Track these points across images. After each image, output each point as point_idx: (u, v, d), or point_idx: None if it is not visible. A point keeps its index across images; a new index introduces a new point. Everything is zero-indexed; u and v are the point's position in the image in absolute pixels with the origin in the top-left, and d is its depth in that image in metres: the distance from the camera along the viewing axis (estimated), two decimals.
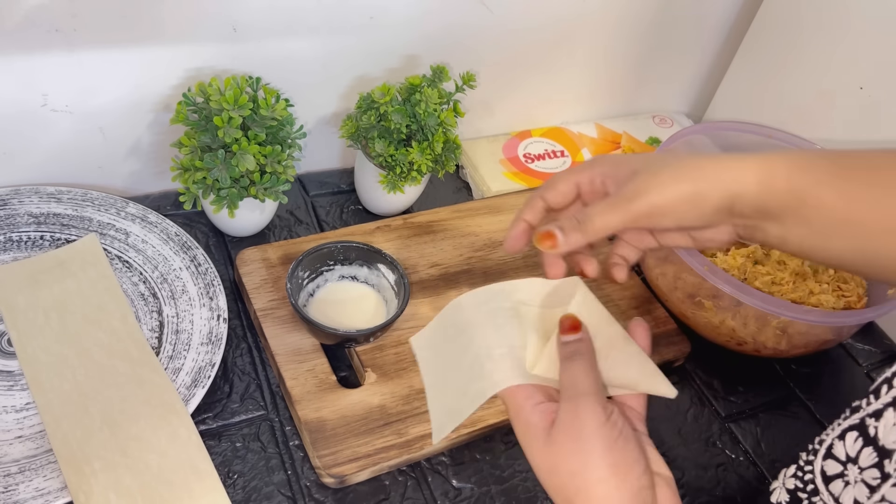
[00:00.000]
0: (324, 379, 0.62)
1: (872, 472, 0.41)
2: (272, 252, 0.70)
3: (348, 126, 0.74)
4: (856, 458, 0.42)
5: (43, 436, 0.55)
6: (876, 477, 0.40)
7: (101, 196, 0.71)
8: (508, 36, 0.83)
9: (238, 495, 0.56)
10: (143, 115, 0.71)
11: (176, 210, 0.75)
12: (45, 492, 0.52)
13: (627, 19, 0.90)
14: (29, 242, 0.67)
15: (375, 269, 0.67)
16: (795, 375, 0.76)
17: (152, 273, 0.67)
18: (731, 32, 0.99)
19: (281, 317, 0.65)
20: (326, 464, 0.57)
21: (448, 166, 0.75)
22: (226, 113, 0.63)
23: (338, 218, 0.80)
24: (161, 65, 0.68)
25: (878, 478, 0.40)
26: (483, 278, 0.73)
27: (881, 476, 0.40)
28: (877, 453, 0.41)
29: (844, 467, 0.43)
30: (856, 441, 0.43)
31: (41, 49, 0.63)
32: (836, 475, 0.44)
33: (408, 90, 0.73)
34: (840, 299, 0.74)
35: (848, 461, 0.43)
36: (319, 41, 0.74)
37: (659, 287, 0.75)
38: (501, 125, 0.94)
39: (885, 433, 0.41)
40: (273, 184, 0.67)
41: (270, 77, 0.72)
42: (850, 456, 0.43)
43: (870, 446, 0.41)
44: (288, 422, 0.61)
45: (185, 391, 0.59)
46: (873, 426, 0.42)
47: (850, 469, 0.43)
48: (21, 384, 0.58)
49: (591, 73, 0.95)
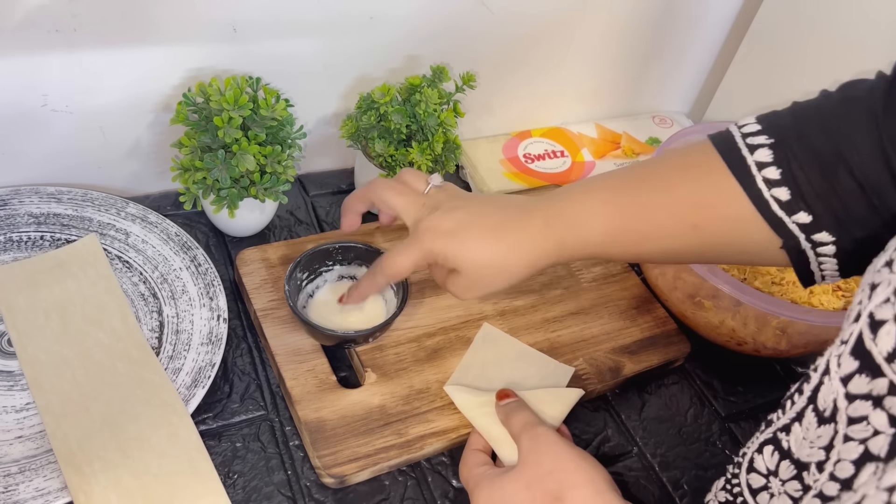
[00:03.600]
0: (324, 379, 0.62)
1: (794, 483, 0.42)
2: (272, 252, 0.70)
3: (348, 126, 0.74)
4: (776, 471, 0.43)
5: (43, 436, 0.55)
6: (798, 489, 0.41)
7: (102, 196, 0.71)
8: (508, 36, 0.83)
9: (238, 495, 0.56)
10: (144, 115, 0.71)
11: (176, 210, 0.75)
12: (45, 492, 0.52)
13: (627, 19, 0.90)
14: (29, 242, 0.67)
15: None
16: (795, 375, 0.76)
17: (152, 273, 0.67)
18: (731, 32, 0.99)
19: (281, 317, 0.65)
20: (326, 464, 0.57)
21: (448, 166, 0.75)
22: (226, 113, 0.63)
23: (338, 218, 0.80)
24: (161, 65, 0.68)
25: (800, 489, 0.41)
26: None
27: (802, 488, 0.41)
28: (794, 466, 0.42)
29: (767, 480, 0.44)
30: (773, 454, 0.44)
31: (41, 49, 0.63)
32: (761, 487, 0.45)
33: (408, 90, 0.73)
34: (840, 299, 0.74)
35: (769, 474, 0.44)
36: (319, 41, 0.74)
37: (659, 287, 0.75)
38: (501, 125, 0.94)
39: (797, 447, 0.42)
40: (273, 184, 0.67)
41: (270, 77, 0.72)
42: (769, 469, 0.44)
43: (786, 459, 0.43)
44: (288, 422, 0.61)
45: (185, 391, 0.59)
46: (785, 440, 0.43)
47: (772, 481, 0.44)
48: (21, 384, 0.58)
49: (591, 73, 0.95)
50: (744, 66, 0.94)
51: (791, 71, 0.87)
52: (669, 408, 0.69)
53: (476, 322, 0.69)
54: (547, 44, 0.87)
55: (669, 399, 0.70)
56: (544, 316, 0.72)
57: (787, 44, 0.87)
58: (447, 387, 0.62)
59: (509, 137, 0.93)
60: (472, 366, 0.65)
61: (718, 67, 1.03)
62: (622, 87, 1.00)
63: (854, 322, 0.38)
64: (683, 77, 1.04)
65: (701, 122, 1.03)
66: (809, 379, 0.42)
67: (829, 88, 0.52)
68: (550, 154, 0.93)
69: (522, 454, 0.53)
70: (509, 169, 0.89)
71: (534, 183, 0.88)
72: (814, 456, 0.40)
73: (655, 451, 0.66)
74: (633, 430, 0.67)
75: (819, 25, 0.83)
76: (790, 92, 0.88)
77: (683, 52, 0.99)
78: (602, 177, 0.56)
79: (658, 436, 0.67)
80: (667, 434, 0.67)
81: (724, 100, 0.98)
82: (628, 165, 0.55)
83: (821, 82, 0.85)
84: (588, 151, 0.95)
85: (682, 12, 0.93)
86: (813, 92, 0.52)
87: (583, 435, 0.65)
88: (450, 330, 0.68)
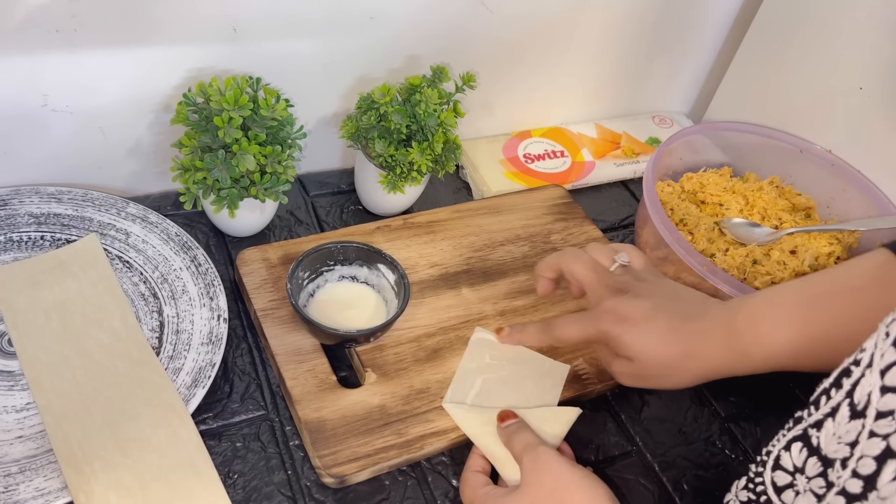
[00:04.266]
0: (324, 379, 0.62)
1: (818, 481, 0.42)
2: (272, 252, 0.70)
3: (348, 126, 0.74)
4: (802, 469, 0.44)
5: (43, 436, 0.55)
6: (822, 486, 0.41)
7: (102, 196, 0.71)
8: (508, 36, 0.83)
9: (238, 495, 0.56)
10: (144, 116, 0.71)
11: (176, 210, 0.75)
12: (45, 492, 0.52)
13: (627, 19, 0.90)
14: (29, 243, 0.67)
15: (375, 269, 0.68)
16: (795, 375, 0.76)
17: (153, 273, 0.67)
18: (731, 32, 0.99)
19: (281, 317, 0.65)
20: (326, 464, 0.57)
21: (448, 166, 0.75)
22: (226, 113, 0.63)
23: (338, 218, 0.80)
24: (161, 65, 0.69)
25: (824, 486, 0.41)
26: (483, 278, 0.73)
27: (826, 485, 0.41)
28: (821, 463, 0.42)
29: (793, 477, 0.44)
30: (801, 451, 0.44)
31: (41, 49, 0.63)
32: (787, 485, 0.45)
33: (408, 90, 0.73)
34: None
35: (795, 471, 0.44)
36: (320, 41, 0.74)
37: None
38: (501, 125, 0.94)
39: (826, 443, 0.42)
40: (273, 184, 0.67)
41: (271, 77, 0.72)
42: (796, 466, 0.44)
43: (814, 456, 0.43)
44: (288, 422, 0.61)
45: (185, 391, 0.59)
46: (815, 436, 0.43)
47: (798, 479, 0.44)
48: (21, 384, 0.58)
49: (591, 73, 0.95)
50: (744, 66, 0.94)
51: (791, 71, 0.87)
52: (669, 408, 0.69)
53: (476, 322, 0.69)
54: (547, 44, 0.87)
55: (669, 399, 0.70)
56: (544, 316, 0.72)
57: (787, 44, 0.87)
58: (446, 404, 0.62)
59: (509, 137, 0.93)
60: (468, 372, 0.65)
61: (718, 67, 1.03)
62: (622, 87, 1.00)
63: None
64: (683, 77, 1.04)
65: (701, 122, 1.03)
66: (850, 373, 0.41)
67: (829, 88, 0.52)
68: (550, 154, 0.93)
69: (525, 475, 0.54)
70: (509, 169, 0.89)
71: (533, 183, 0.88)
72: (840, 452, 0.40)
73: (655, 451, 0.66)
74: (633, 430, 0.67)
75: (819, 25, 0.83)
76: (790, 92, 0.89)
77: (683, 52, 0.99)
78: (784, 289, 0.56)
79: (658, 436, 0.67)
80: (667, 434, 0.67)
81: (724, 100, 0.98)
82: (804, 277, 0.56)
83: (820, 82, 0.86)
84: (588, 151, 0.95)
85: (682, 12, 0.93)
86: (813, 91, 0.52)
87: (583, 435, 0.65)
88: (450, 330, 0.68)
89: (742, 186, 0.84)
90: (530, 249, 0.78)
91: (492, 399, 0.63)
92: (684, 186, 0.85)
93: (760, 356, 0.54)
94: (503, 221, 0.80)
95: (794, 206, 0.84)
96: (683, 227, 0.79)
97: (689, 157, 0.87)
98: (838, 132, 0.84)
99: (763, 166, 0.87)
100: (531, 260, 0.77)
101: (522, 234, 0.79)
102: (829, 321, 0.53)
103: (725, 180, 0.85)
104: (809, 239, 0.78)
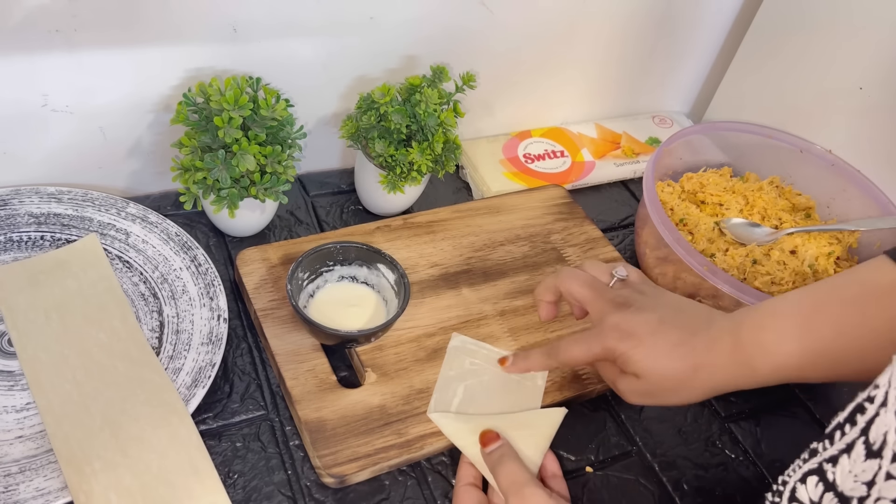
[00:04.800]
0: (324, 379, 0.62)
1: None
2: (272, 252, 0.70)
3: (348, 126, 0.74)
4: (819, 503, 0.43)
5: (43, 436, 0.55)
6: None
7: (102, 196, 0.71)
8: (508, 36, 0.83)
9: (238, 495, 0.56)
10: (144, 116, 0.71)
11: (176, 210, 0.76)
12: (45, 492, 0.52)
13: (627, 20, 0.90)
14: (29, 242, 0.67)
15: (375, 269, 0.68)
16: None
17: (153, 273, 0.67)
18: (731, 32, 0.99)
19: (281, 317, 0.65)
20: (326, 464, 0.57)
21: (448, 166, 0.75)
22: (226, 113, 0.63)
23: (338, 218, 0.80)
24: (161, 65, 0.69)
25: None
26: (483, 278, 0.73)
27: None
28: (838, 499, 0.41)
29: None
30: (817, 486, 0.43)
31: (41, 49, 0.63)
32: None
33: (408, 90, 0.73)
34: None
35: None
36: (320, 41, 0.74)
37: (659, 286, 0.75)
38: (501, 125, 0.94)
39: (842, 480, 0.41)
40: (273, 184, 0.67)
41: (270, 77, 0.72)
42: (812, 500, 0.44)
43: (830, 492, 0.42)
44: (288, 422, 0.61)
45: (185, 391, 0.59)
46: (831, 472, 0.42)
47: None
48: (21, 384, 0.58)
49: (591, 73, 0.95)
50: (744, 66, 0.94)
51: (791, 71, 0.87)
52: (669, 408, 0.69)
53: (476, 322, 0.69)
54: (547, 44, 0.87)
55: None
56: None
57: (786, 44, 0.87)
58: (432, 414, 0.61)
59: (509, 137, 0.93)
60: (449, 380, 0.64)
61: (718, 67, 1.03)
62: (622, 87, 1.00)
63: None
64: (683, 77, 1.04)
65: (701, 122, 1.03)
66: (864, 410, 0.41)
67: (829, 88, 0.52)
68: (550, 154, 0.93)
69: None
70: (509, 169, 0.89)
71: (533, 183, 0.88)
72: (857, 490, 0.39)
73: (655, 451, 0.66)
74: (633, 430, 0.67)
75: (819, 25, 0.83)
76: (790, 92, 0.89)
77: (683, 52, 1.00)
78: (788, 299, 0.55)
79: (658, 436, 0.67)
80: (667, 434, 0.67)
81: (724, 100, 0.98)
82: (806, 286, 0.56)
83: (820, 82, 0.86)
84: (588, 151, 0.95)
85: (681, 12, 0.93)
86: (813, 91, 0.52)
87: (583, 435, 0.65)
88: (450, 330, 0.68)
89: (742, 186, 0.84)
90: (530, 249, 0.78)
91: (476, 405, 0.62)
92: (684, 186, 0.85)
93: (766, 368, 0.53)
94: (503, 221, 0.80)
95: (794, 206, 0.84)
96: (683, 227, 0.79)
97: (689, 157, 0.87)
98: (838, 132, 0.84)
99: (763, 166, 0.87)
100: (531, 260, 0.77)
101: (522, 234, 0.79)
102: (833, 331, 0.52)
103: (725, 180, 0.85)
104: (809, 239, 0.78)
